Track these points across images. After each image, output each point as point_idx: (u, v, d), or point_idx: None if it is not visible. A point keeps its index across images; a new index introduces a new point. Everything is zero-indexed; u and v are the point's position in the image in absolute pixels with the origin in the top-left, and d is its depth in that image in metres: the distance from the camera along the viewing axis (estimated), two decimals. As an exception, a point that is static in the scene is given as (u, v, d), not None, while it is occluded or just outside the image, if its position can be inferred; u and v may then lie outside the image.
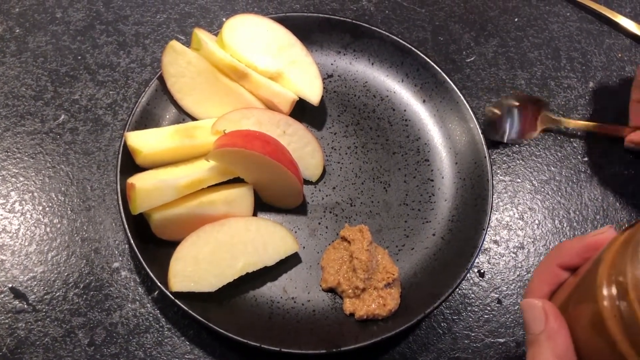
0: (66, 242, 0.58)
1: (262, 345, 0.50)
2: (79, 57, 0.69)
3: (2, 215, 0.60)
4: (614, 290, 0.30)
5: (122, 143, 0.57)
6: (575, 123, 0.67)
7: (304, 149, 0.60)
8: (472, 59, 0.72)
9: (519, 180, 0.65)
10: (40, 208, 0.60)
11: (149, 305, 0.56)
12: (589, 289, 0.32)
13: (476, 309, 0.57)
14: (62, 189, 0.61)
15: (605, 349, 0.31)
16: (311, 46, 0.67)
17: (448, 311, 0.56)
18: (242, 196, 0.57)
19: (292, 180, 0.56)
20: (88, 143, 0.64)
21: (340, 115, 0.66)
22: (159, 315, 0.55)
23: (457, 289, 0.57)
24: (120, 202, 0.54)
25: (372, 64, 0.68)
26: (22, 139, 0.64)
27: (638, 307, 0.28)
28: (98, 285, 0.56)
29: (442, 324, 0.56)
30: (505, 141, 0.66)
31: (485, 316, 0.57)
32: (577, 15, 0.77)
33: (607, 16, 0.75)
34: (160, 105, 0.62)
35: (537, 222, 0.62)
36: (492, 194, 0.58)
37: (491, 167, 0.59)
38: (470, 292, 0.58)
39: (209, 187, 0.56)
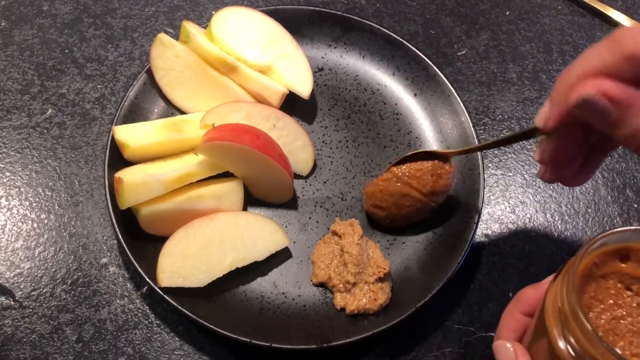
0: (53, 238, 0.58)
1: (252, 341, 0.49)
2: (66, 51, 0.69)
3: (-12, 210, 0.59)
4: (557, 320, 0.34)
5: (110, 137, 0.57)
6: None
7: (294, 142, 0.60)
8: (463, 52, 0.72)
9: (510, 174, 0.65)
10: (27, 203, 0.59)
11: (137, 301, 0.55)
12: (540, 324, 0.36)
13: (467, 303, 0.57)
14: (50, 184, 0.60)
15: None
16: (301, 39, 0.66)
17: (439, 305, 0.56)
18: (231, 191, 0.56)
19: (282, 175, 0.56)
20: (76, 137, 0.63)
21: (331, 109, 0.65)
22: (148, 311, 0.55)
23: (448, 283, 0.57)
24: (108, 197, 0.54)
25: (363, 57, 0.67)
26: (8, 133, 0.63)
27: (577, 329, 0.32)
28: (86, 281, 0.56)
29: (433, 318, 0.56)
30: None
31: (477, 310, 0.56)
32: (569, 8, 0.76)
33: (599, 9, 0.75)
34: (149, 99, 0.61)
35: (528, 215, 0.62)
36: (484, 188, 0.57)
37: (483, 160, 0.58)
38: (461, 286, 0.58)
39: (197, 181, 0.55)
